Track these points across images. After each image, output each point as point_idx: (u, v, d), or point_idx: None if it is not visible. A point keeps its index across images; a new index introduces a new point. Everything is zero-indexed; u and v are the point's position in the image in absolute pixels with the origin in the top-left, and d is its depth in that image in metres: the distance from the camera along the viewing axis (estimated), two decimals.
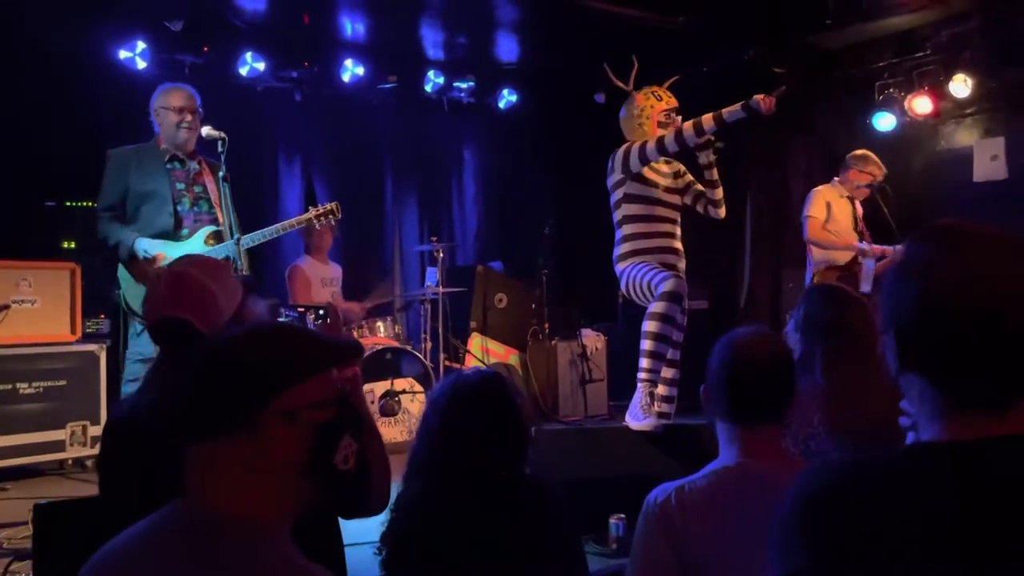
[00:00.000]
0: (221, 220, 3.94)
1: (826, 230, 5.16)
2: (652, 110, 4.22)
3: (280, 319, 4.39)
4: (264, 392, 1.14)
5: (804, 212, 5.28)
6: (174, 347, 1.88)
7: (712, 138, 4.04)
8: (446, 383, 1.94)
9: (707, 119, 3.90)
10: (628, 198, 4.22)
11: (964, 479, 0.96)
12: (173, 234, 3.89)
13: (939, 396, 1.01)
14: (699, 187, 4.29)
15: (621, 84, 4.36)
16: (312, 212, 4.24)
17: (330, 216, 4.25)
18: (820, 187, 5.36)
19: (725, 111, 3.86)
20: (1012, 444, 0.96)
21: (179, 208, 3.93)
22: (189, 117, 3.98)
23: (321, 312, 4.79)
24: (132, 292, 3.82)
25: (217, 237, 3.91)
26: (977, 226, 1.04)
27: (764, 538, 1.09)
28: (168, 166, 3.99)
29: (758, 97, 3.76)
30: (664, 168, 4.32)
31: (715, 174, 4.19)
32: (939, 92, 6.17)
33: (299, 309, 5.09)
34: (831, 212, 5.21)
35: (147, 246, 3.79)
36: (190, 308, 1.86)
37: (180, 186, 3.98)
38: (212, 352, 1.20)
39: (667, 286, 3.90)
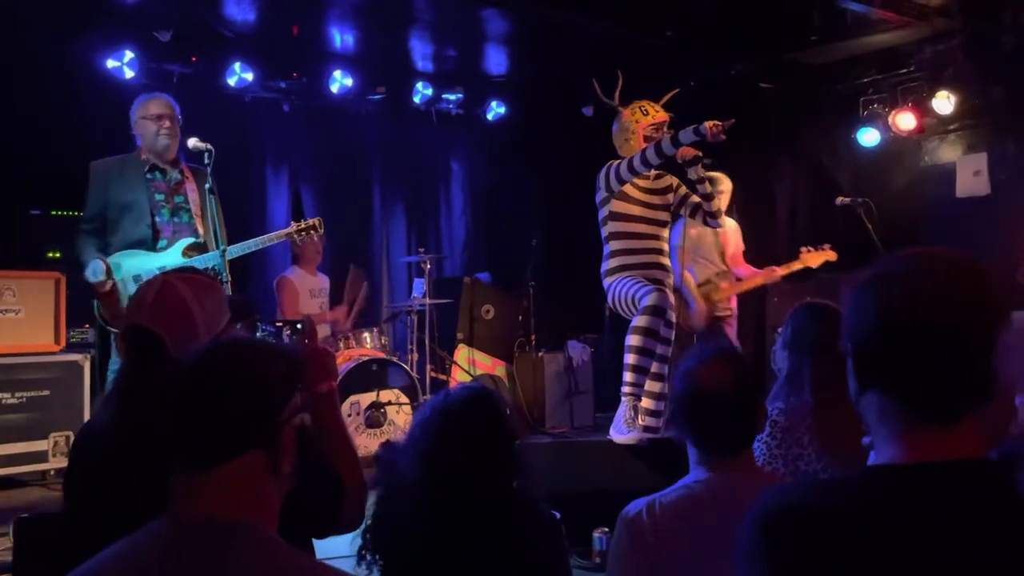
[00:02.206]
0: (201, 231, 3.91)
1: None
2: (638, 125, 4.25)
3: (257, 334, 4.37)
4: (282, 404, 1.24)
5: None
6: (139, 359, 1.81)
7: (699, 154, 4.08)
8: (435, 400, 1.92)
9: (665, 140, 3.95)
10: (613, 216, 4.25)
11: (922, 501, 0.99)
12: (151, 245, 3.85)
13: (896, 412, 1.05)
14: (695, 199, 4.31)
15: (607, 101, 4.39)
16: (293, 227, 4.21)
17: (311, 231, 4.23)
18: None
19: (681, 132, 3.90)
20: (965, 466, 1.00)
21: (157, 219, 3.90)
22: (168, 124, 3.95)
23: (299, 326, 4.77)
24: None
25: (196, 249, 3.88)
26: (939, 249, 1.10)
27: (733, 549, 1.11)
28: (148, 176, 3.95)
29: (707, 124, 3.81)
30: (651, 185, 4.33)
31: (708, 187, 4.22)
32: (922, 108, 6.24)
33: (276, 323, 5.05)
34: None
35: (92, 272, 3.72)
36: (165, 325, 1.78)
37: (159, 197, 3.94)
38: (219, 374, 1.23)
39: (650, 300, 3.92)
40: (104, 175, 3.93)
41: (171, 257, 3.82)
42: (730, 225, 5.32)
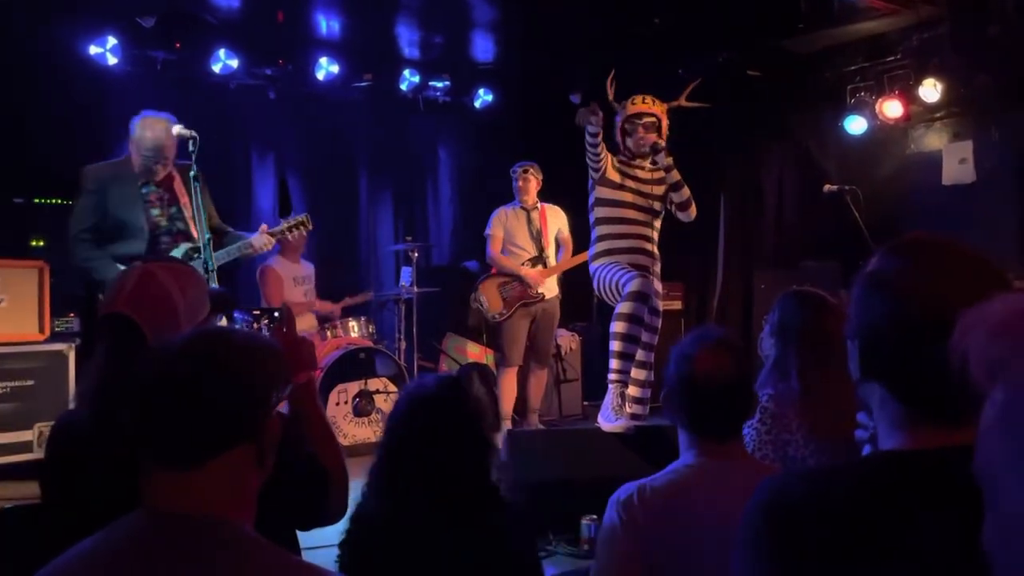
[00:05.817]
0: (195, 235, 3.89)
1: None
2: (619, 118, 4.28)
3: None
4: (269, 397, 1.21)
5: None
6: (117, 349, 1.75)
7: (659, 141, 4.15)
8: (405, 392, 1.91)
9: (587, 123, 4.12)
10: (600, 201, 4.25)
11: (929, 486, 0.98)
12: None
13: (900, 407, 1.03)
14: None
15: (613, 103, 4.36)
16: (284, 225, 4.21)
17: (301, 227, 4.24)
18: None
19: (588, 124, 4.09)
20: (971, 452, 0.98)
21: (159, 235, 3.88)
22: (167, 157, 3.87)
23: (276, 315, 4.76)
24: None
25: (195, 252, 3.86)
26: (948, 242, 1.06)
27: (723, 534, 1.10)
28: (144, 191, 3.90)
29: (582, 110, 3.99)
30: (641, 173, 4.32)
31: (676, 175, 4.20)
32: (909, 96, 6.25)
33: (254, 312, 5.03)
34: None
35: None
36: (145, 313, 1.73)
37: (155, 212, 3.90)
38: (206, 366, 1.18)
39: (633, 286, 3.92)
40: (100, 184, 3.84)
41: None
42: (553, 209, 5.80)
